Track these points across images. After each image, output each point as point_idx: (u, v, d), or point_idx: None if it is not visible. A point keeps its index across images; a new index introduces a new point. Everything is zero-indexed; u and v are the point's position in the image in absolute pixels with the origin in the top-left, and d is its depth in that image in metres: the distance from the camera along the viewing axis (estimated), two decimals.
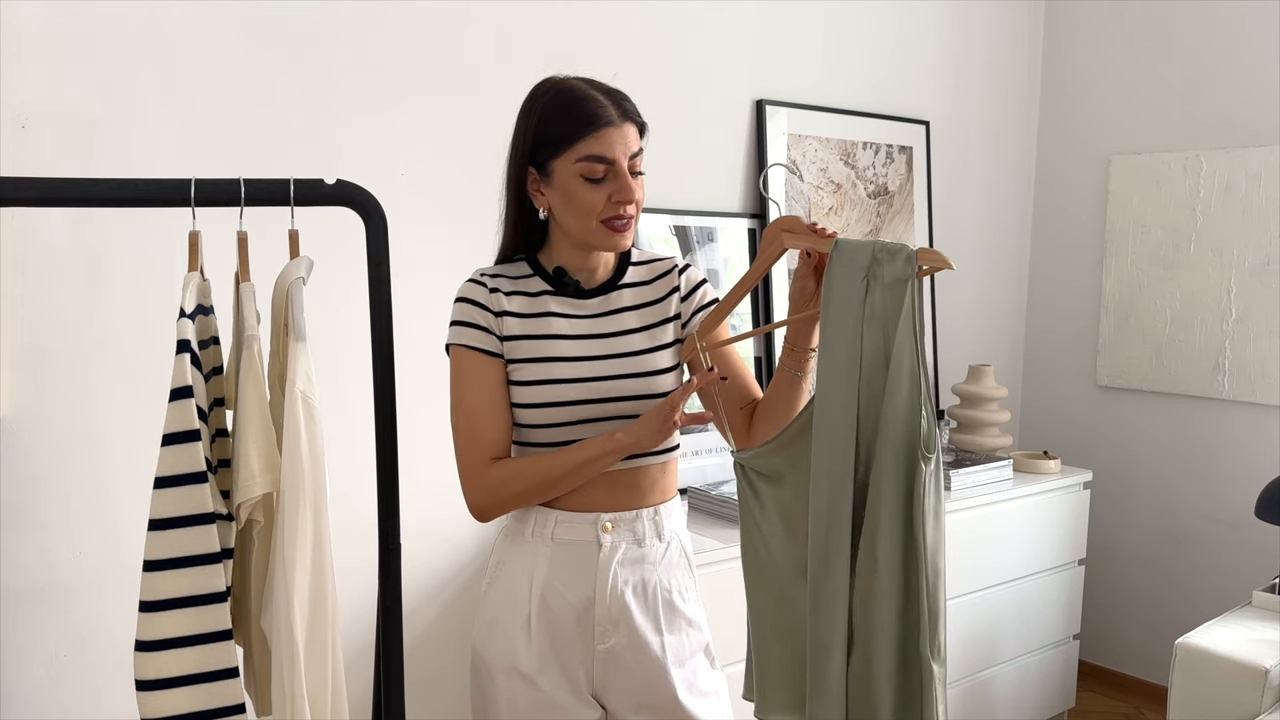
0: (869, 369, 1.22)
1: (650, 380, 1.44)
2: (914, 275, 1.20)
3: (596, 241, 1.41)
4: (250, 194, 1.22)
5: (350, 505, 1.74)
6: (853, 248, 1.24)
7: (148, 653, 1.15)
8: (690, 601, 1.49)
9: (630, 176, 1.37)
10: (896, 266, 1.21)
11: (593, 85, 1.40)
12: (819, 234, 1.31)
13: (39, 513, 1.81)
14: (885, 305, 1.22)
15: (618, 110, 1.37)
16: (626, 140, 1.37)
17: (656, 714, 1.44)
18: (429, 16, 2.16)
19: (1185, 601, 3.18)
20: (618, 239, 1.41)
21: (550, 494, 1.41)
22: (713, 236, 2.67)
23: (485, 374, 1.41)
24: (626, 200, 1.37)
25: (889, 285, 1.21)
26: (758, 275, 1.40)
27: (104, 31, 1.80)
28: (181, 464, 1.14)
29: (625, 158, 1.36)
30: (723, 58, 2.68)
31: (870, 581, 1.23)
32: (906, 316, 1.20)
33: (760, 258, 1.38)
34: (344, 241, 1.62)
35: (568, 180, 1.37)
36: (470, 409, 1.41)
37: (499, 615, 1.45)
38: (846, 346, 1.23)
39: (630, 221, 1.40)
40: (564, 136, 1.36)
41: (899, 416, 1.20)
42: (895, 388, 1.20)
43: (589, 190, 1.36)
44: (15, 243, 1.75)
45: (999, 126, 3.41)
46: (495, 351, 1.42)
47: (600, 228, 1.39)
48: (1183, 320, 3.13)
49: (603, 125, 1.35)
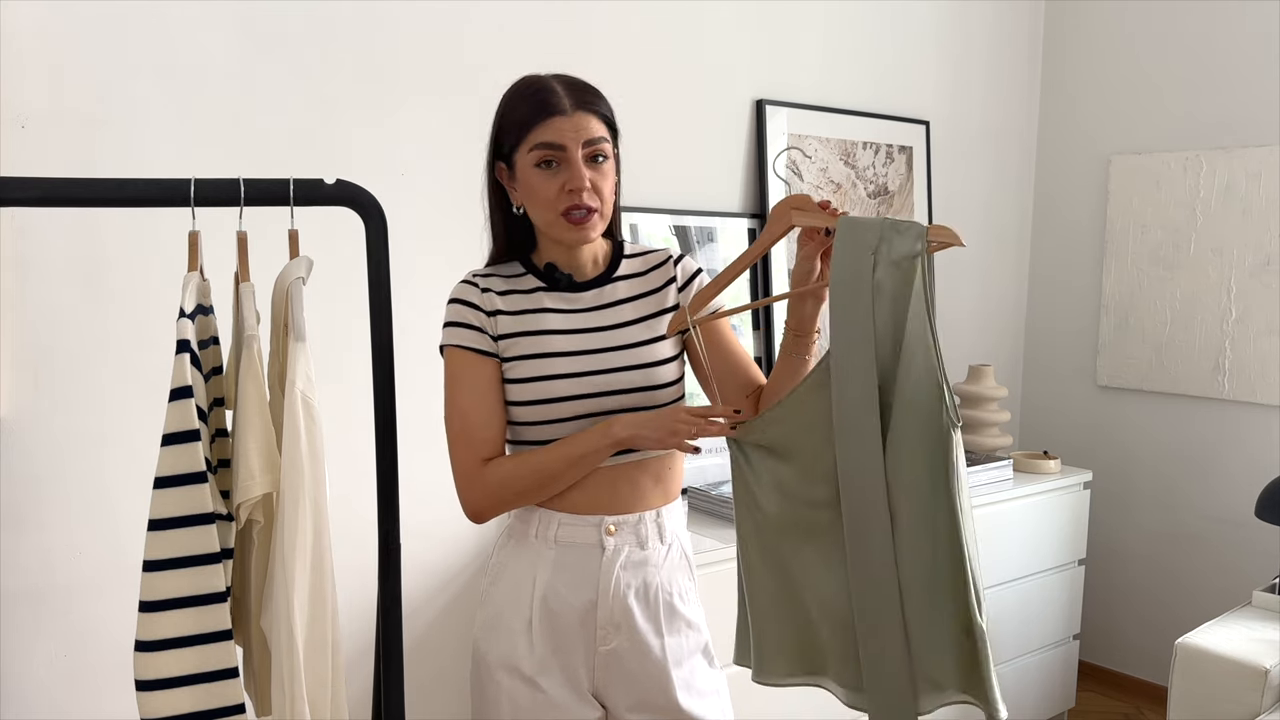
0: (880, 342, 1.22)
1: (650, 372, 1.43)
2: (925, 251, 1.20)
3: (558, 235, 1.40)
4: (250, 194, 1.22)
5: (350, 505, 1.74)
6: (860, 224, 1.24)
7: (147, 653, 1.15)
8: (690, 603, 1.49)
9: (585, 165, 1.35)
10: (906, 242, 1.21)
11: (559, 79, 1.39)
12: (829, 213, 1.30)
13: (39, 513, 1.81)
14: (893, 282, 1.21)
15: (572, 100, 1.36)
16: (578, 128, 1.35)
17: (656, 714, 1.44)
18: (429, 16, 2.16)
19: (1185, 601, 3.18)
20: (577, 232, 1.38)
21: (549, 491, 1.40)
22: (713, 236, 2.67)
23: (479, 374, 1.41)
24: (577, 187, 1.35)
25: (897, 262, 1.21)
26: (760, 251, 1.38)
27: (104, 31, 1.80)
28: (181, 464, 1.14)
29: (576, 145, 1.35)
30: (723, 58, 2.68)
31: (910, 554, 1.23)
32: (919, 292, 1.20)
33: (765, 233, 1.36)
34: (344, 242, 1.62)
35: (526, 171, 1.37)
36: (464, 410, 1.40)
37: (501, 616, 1.45)
38: (859, 322, 1.23)
39: (590, 214, 1.37)
40: (519, 125, 1.36)
41: (921, 390, 1.20)
42: (910, 363, 1.20)
43: (543, 180, 1.36)
44: (15, 243, 1.75)
45: (999, 126, 3.41)
46: (489, 351, 1.41)
47: (560, 220, 1.37)
48: (1183, 320, 3.13)
49: (553, 113, 1.34)
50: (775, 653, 1.37)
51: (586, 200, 1.36)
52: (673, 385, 1.46)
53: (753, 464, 1.35)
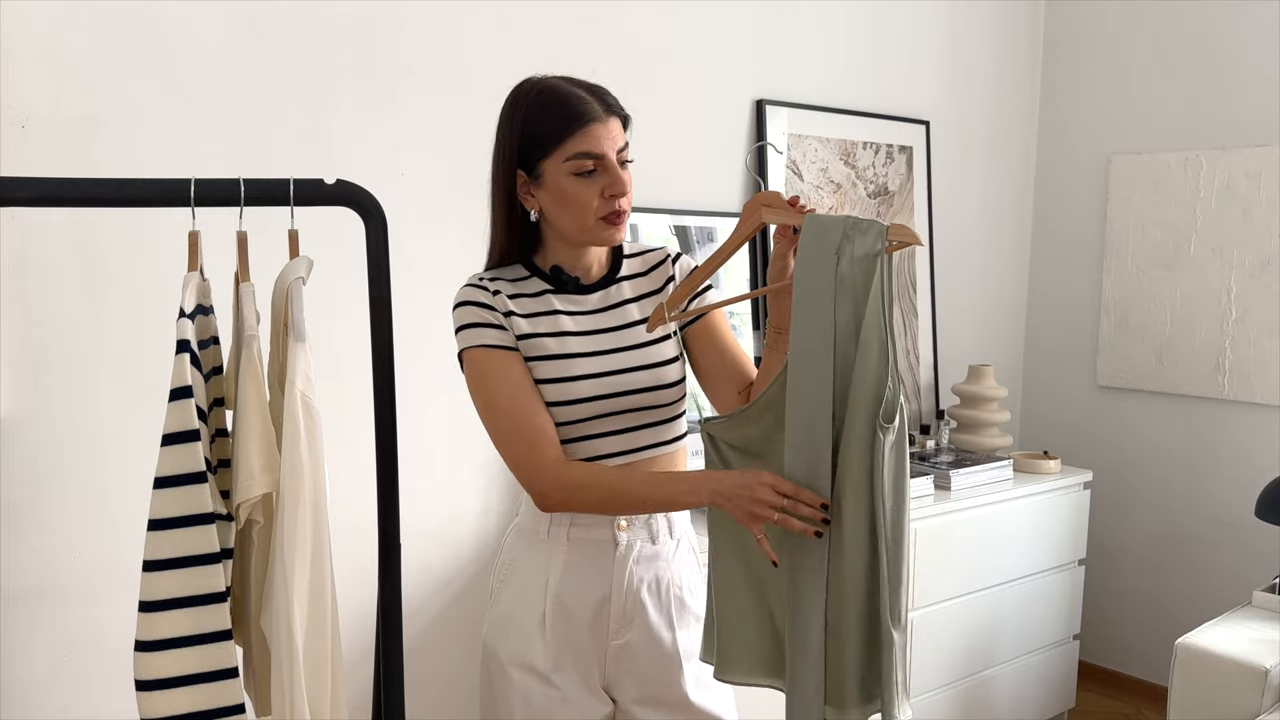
0: (841, 340, 1.24)
1: (658, 371, 1.44)
2: (884, 250, 1.22)
3: (593, 238, 1.41)
4: (250, 194, 1.21)
5: (350, 505, 1.73)
6: (824, 222, 1.25)
7: (147, 653, 1.15)
8: (698, 597, 1.50)
9: (620, 169, 1.38)
10: (867, 241, 1.22)
11: (572, 82, 1.40)
12: (798, 210, 1.31)
13: (39, 513, 1.81)
14: (855, 278, 1.23)
15: (601, 105, 1.37)
16: (613, 134, 1.37)
17: (665, 707, 1.45)
18: (429, 16, 2.16)
19: (1185, 601, 3.18)
20: (614, 232, 1.41)
21: (615, 512, 1.41)
22: (713, 236, 2.67)
23: (511, 369, 1.39)
24: (619, 193, 1.37)
25: (859, 259, 1.22)
26: (733, 249, 1.39)
27: (104, 31, 1.80)
28: (181, 464, 1.14)
29: (614, 151, 1.37)
30: (723, 58, 2.68)
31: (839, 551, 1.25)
32: (876, 290, 1.22)
33: (737, 231, 1.37)
34: (344, 241, 1.62)
35: (559, 180, 1.37)
36: (508, 408, 1.38)
37: (513, 613, 1.46)
38: (820, 318, 1.24)
39: (624, 215, 1.40)
40: (551, 137, 1.36)
41: (869, 386, 1.22)
42: (865, 358, 1.22)
43: (582, 187, 1.36)
44: (15, 243, 1.75)
45: (999, 126, 3.41)
46: (513, 346, 1.41)
47: (599, 224, 1.39)
48: (1183, 320, 3.13)
49: (589, 121, 1.35)
50: (737, 650, 1.38)
51: (624, 205, 1.39)
52: (677, 385, 1.47)
53: (727, 462, 1.36)
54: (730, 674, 1.39)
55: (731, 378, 1.48)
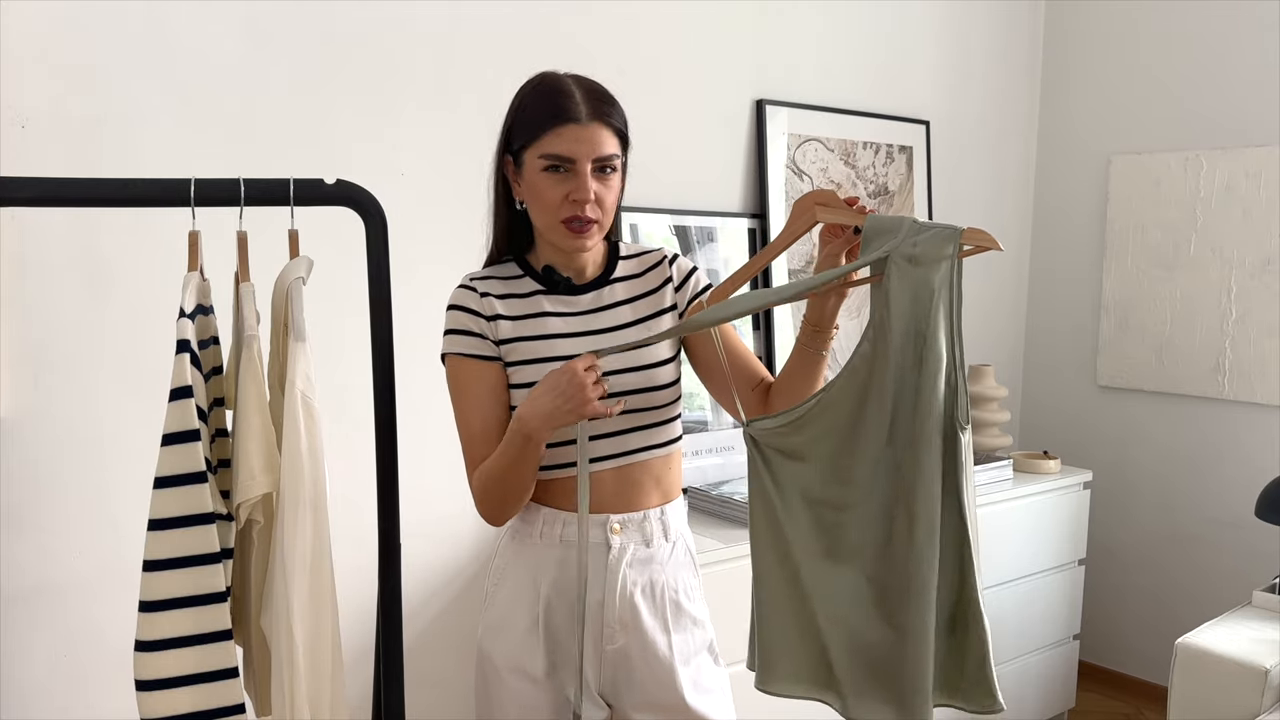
0: (901, 343, 1.22)
1: (650, 373, 1.43)
2: (956, 255, 1.20)
3: (557, 240, 1.40)
4: (250, 194, 1.22)
5: (350, 505, 1.73)
6: (887, 224, 1.23)
7: (147, 653, 1.15)
8: (695, 600, 1.49)
9: (591, 178, 1.34)
10: (935, 244, 1.20)
11: (579, 82, 1.38)
12: (857, 209, 1.28)
13: (39, 513, 1.81)
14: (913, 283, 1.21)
15: (589, 109, 1.34)
16: (591, 139, 1.33)
17: (663, 712, 1.44)
18: (429, 16, 2.16)
19: (1185, 601, 3.18)
20: (575, 241, 1.38)
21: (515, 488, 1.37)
22: (713, 236, 2.67)
23: (480, 382, 1.41)
24: (581, 199, 1.34)
25: (925, 263, 1.20)
26: (782, 247, 1.36)
27: (104, 31, 1.80)
28: (181, 464, 1.14)
29: (587, 158, 1.33)
30: (723, 58, 2.68)
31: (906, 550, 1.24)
32: (945, 294, 1.20)
33: (787, 229, 1.33)
34: (344, 241, 1.62)
35: (533, 173, 1.36)
36: (467, 419, 1.41)
37: (506, 617, 1.45)
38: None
39: (591, 225, 1.36)
40: (533, 126, 1.35)
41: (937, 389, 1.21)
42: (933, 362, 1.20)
43: (549, 185, 1.35)
44: (15, 243, 1.75)
45: (999, 126, 3.41)
46: (491, 355, 1.41)
47: (560, 226, 1.37)
48: (1183, 320, 3.13)
49: (565, 122, 1.33)
50: (780, 662, 1.35)
51: (589, 213, 1.35)
52: (670, 386, 1.45)
53: (772, 467, 1.32)
54: (771, 684, 1.34)
55: (742, 377, 1.46)
